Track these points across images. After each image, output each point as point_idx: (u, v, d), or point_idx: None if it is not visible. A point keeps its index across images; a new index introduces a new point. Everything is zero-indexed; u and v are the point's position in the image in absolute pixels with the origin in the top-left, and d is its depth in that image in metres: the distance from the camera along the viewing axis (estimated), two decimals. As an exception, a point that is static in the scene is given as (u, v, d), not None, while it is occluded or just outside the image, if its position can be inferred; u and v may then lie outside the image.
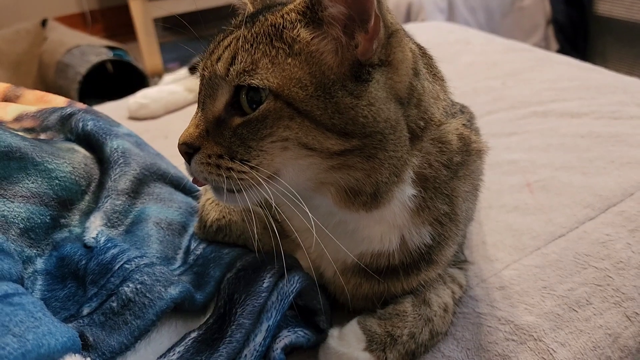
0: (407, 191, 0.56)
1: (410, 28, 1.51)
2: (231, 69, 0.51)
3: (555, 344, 0.66)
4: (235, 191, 0.53)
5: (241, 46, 0.51)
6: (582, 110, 1.11)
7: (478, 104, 1.19)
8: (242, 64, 0.50)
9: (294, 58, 0.50)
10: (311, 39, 0.50)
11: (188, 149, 0.54)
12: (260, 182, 0.52)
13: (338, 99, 0.49)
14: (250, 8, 0.61)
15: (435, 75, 0.61)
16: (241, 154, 0.51)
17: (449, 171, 0.58)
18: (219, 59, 0.52)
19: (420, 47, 0.62)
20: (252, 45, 0.51)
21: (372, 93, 0.50)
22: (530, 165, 0.95)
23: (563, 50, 2.66)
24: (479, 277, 0.74)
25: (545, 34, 2.70)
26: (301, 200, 0.53)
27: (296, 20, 0.51)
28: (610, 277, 0.73)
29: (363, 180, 0.53)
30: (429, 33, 1.67)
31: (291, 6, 0.52)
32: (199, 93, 0.55)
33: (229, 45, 0.52)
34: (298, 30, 0.50)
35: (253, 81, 0.50)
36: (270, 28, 0.51)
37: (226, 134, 0.52)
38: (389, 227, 0.59)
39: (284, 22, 0.51)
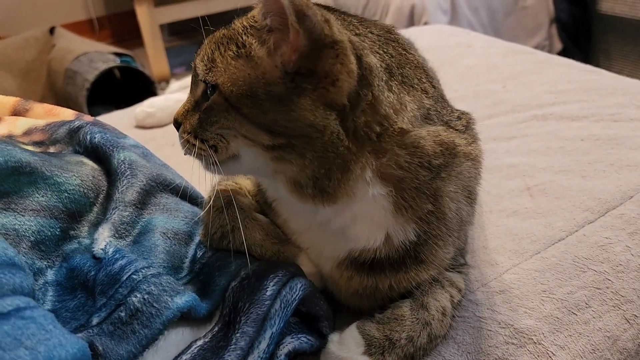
0: (371, 189, 0.59)
1: (412, 32, 1.52)
2: (199, 67, 0.61)
3: (555, 347, 0.67)
4: (212, 164, 0.62)
5: (208, 47, 0.61)
6: (581, 113, 1.11)
7: (479, 108, 1.20)
8: (206, 63, 0.60)
9: (238, 60, 0.58)
10: (253, 45, 0.57)
11: (175, 124, 0.66)
12: (224, 160, 0.62)
13: (263, 101, 0.56)
14: None
15: (412, 85, 0.63)
16: (200, 134, 0.62)
17: (429, 172, 0.60)
18: (198, 55, 0.62)
19: (399, 54, 0.64)
20: (216, 46, 0.60)
21: (293, 100, 0.55)
22: (529, 169, 0.96)
23: (566, 49, 2.65)
24: (479, 281, 0.76)
25: (548, 33, 2.69)
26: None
27: (247, 27, 0.58)
28: (609, 280, 0.74)
29: (299, 173, 0.58)
30: (430, 37, 1.68)
31: (249, 14, 0.60)
32: (191, 77, 0.65)
33: (206, 44, 0.62)
34: (247, 37, 0.58)
35: (208, 78, 0.59)
36: (232, 31, 0.60)
37: (195, 115, 0.63)
38: (372, 225, 0.62)
39: (240, 27, 0.59)
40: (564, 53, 2.59)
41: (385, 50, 0.62)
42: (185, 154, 0.64)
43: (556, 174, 0.94)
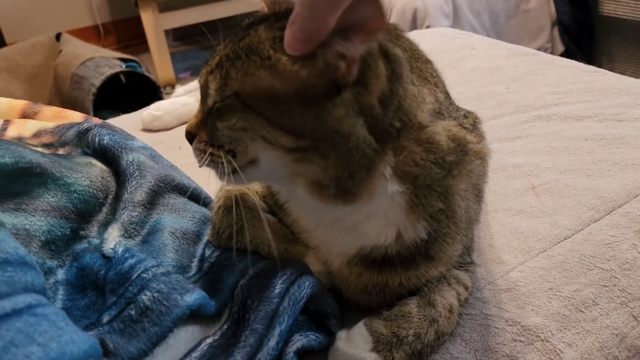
0: (390, 187, 0.58)
1: (415, 36, 1.52)
2: (212, 85, 0.59)
3: (562, 345, 0.67)
4: (230, 173, 0.60)
5: (222, 59, 0.58)
6: (585, 113, 1.11)
7: (483, 109, 1.20)
8: (220, 80, 0.57)
9: (260, 70, 0.54)
10: (282, 60, 0.53)
11: (189, 136, 0.63)
12: (243, 165, 0.59)
13: (288, 105, 0.54)
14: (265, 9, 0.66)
15: (426, 79, 0.63)
16: (217, 140, 0.59)
17: (442, 169, 0.60)
18: (209, 69, 0.60)
19: (410, 49, 0.64)
20: (232, 59, 0.57)
21: (327, 109, 0.53)
22: (534, 169, 0.96)
23: (569, 51, 2.65)
24: (486, 279, 0.76)
25: (551, 36, 2.70)
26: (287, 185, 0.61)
27: (276, 39, 0.54)
28: (616, 277, 0.74)
29: (322, 174, 0.57)
30: (433, 40, 1.69)
31: (275, 25, 0.56)
32: (200, 90, 0.63)
33: (216, 59, 0.59)
34: (273, 51, 0.54)
35: (225, 94, 0.57)
36: (253, 42, 0.56)
37: (209, 124, 0.60)
38: (385, 223, 0.62)
39: (265, 39, 0.55)
40: (566, 55, 2.59)
41: (401, 44, 0.62)
42: (200, 166, 0.62)
43: (561, 173, 0.94)
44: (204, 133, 0.61)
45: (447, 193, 0.62)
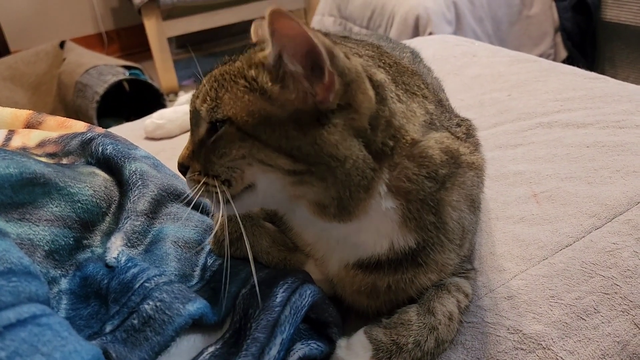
0: (384, 204, 0.60)
1: (417, 43, 1.53)
2: (202, 107, 0.59)
3: (564, 352, 0.67)
4: (225, 201, 0.60)
5: (211, 85, 0.59)
6: (587, 120, 1.11)
7: (484, 116, 1.21)
8: (211, 102, 0.59)
9: (250, 94, 0.57)
10: (271, 85, 0.56)
11: (182, 168, 0.64)
12: (239, 192, 0.60)
13: (284, 128, 0.56)
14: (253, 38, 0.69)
15: (414, 92, 0.64)
16: (211, 170, 0.60)
17: (434, 183, 0.61)
18: (197, 96, 0.61)
19: (395, 63, 0.66)
20: (219, 83, 0.59)
21: (322, 135, 0.55)
22: (536, 176, 0.96)
23: (572, 57, 2.65)
24: (487, 287, 0.76)
25: (553, 42, 2.70)
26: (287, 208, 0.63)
27: (256, 64, 0.58)
28: (617, 285, 0.74)
29: (322, 195, 0.58)
30: (435, 47, 1.69)
31: (259, 55, 0.58)
32: (190, 119, 0.64)
33: (205, 84, 0.60)
34: (256, 72, 0.57)
35: (217, 116, 0.58)
36: (235, 67, 0.59)
37: (202, 153, 0.61)
38: (379, 235, 0.63)
39: (245, 64, 0.58)
40: (569, 61, 2.60)
41: (383, 63, 0.64)
42: (193, 197, 0.62)
43: (562, 180, 0.94)
44: (197, 163, 0.62)
45: (438, 206, 0.63)
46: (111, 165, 0.80)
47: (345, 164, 0.56)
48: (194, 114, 0.62)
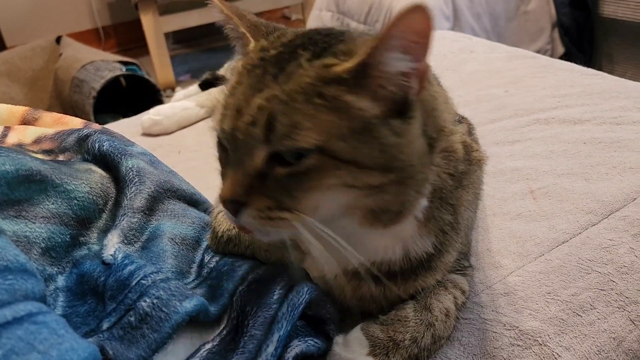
0: (422, 204, 0.58)
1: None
2: (271, 135, 0.50)
3: (560, 349, 0.67)
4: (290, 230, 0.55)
5: (277, 109, 0.49)
6: (584, 116, 1.11)
7: (481, 113, 1.21)
8: (283, 128, 0.49)
9: (335, 114, 0.49)
10: (357, 98, 0.50)
11: (234, 205, 0.53)
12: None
13: (383, 139, 0.50)
14: (238, 23, 0.61)
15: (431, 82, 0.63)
16: (289, 204, 0.52)
17: (454, 180, 0.60)
18: (253, 123, 0.51)
19: None
20: (289, 105, 0.49)
21: (412, 130, 0.52)
22: (533, 173, 0.97)
23: (569, 53, 2.65)
24: (484, 283, 0.76)
25: (551, 38, 2.70)
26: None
27: (340, 81, 0.50)
28: (613, 281, 0.74)
29: (392, 201, 0.55)
30: (433, 42, 1.69)
31: (336, 69, 0.50)
32: (222, 149, 0.56)
33: (263, 106, 0.50)
34: (341, 91, 0.50)
35: (296, 144, 0.49)
36: (307, 85, 0.50)
37: (270, 186, 0.52)
38: (392, 239, 0.61)
39: (325, 79, 0.50)
40: (566, 57, 2.59)
41: None
42: (261, 238, 0.56)
43: (559, 177, 0.94)
44: (263, 198, 0.52)
45: (456, 204, 0.62)
46: (108, 162, 0.80)
47: (420, 162, 0.53)
48: (245, 143, 0.52)
